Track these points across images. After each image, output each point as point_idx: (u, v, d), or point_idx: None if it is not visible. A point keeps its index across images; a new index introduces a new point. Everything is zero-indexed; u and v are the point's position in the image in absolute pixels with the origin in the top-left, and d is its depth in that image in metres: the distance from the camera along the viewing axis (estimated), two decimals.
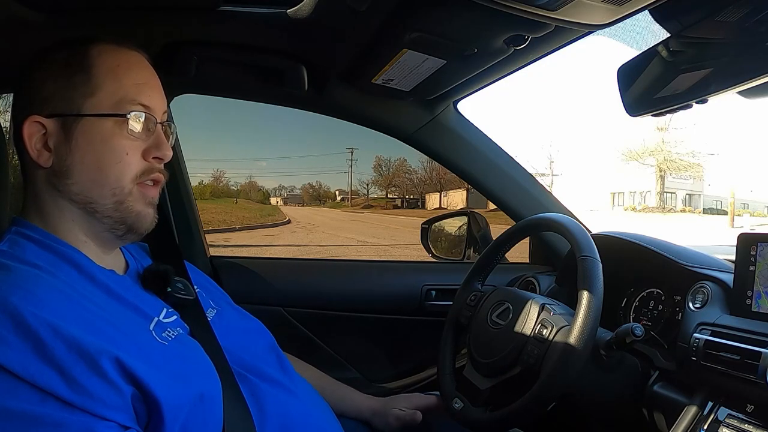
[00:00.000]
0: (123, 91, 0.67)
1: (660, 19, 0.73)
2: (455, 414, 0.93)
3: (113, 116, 0.66)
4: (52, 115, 0.65)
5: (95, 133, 0.65)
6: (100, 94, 0.66)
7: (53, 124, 0.65)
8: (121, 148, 0.66)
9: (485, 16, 0.81)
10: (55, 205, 0.67)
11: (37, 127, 0.65)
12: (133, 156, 0.67)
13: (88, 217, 0.67)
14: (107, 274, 0.68)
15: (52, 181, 0.66)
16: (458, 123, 1.36)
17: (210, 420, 0.63)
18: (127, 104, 0.67)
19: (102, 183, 0.66)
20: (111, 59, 0.68)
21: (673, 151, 28.39)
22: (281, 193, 32.13)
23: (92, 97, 0.66)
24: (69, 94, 0.65)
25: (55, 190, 0.67)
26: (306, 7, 0.91)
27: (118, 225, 0.68)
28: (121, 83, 0.67)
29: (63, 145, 0.65)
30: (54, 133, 0.65)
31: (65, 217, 0.67)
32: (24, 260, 0.61)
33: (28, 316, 0.53)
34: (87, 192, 0.66)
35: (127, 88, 0.67)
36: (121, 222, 0.68)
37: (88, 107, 0.65)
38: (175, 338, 0.65)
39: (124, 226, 0.68)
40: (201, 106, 26.79)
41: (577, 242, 0.88)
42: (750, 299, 0.83)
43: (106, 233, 0.68)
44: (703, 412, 0.80)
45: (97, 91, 0.66)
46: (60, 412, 0.52)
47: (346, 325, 1.42)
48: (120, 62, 0.68)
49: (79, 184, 0.66)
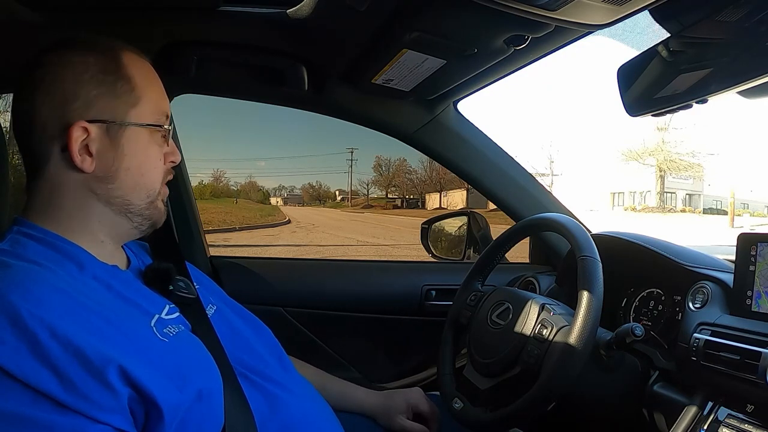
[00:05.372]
0: (156, 102, 0.72)
1: (660, 19, 0.73)
2: (455, 414, 0.93)
3: (155, 127, 0.71)
4: (97, 120, 0.66)
5: (138, 141, 0.69)
6: (142, 105, 0.69)
7: (97, 129, 0.66)
8: (157, 155, 0.72)
9: (485, 16, 0.81)
10: (84, 206, 0.68)
11: (81, 131, 0.65)
12: (161, 161, 0.73)
13: (119, 217, 0.70)
14: (109, 269, 0.68)
15: (91, 185, 0.67)
16: (458, 123, 1.36)
17: (210, 417, 0.63)
18: (160, 115, 0.72)
19: (141, 187, 0.70)
20: (143, 69, 0.71)
21: (673, 151, 28.39)
22: (281, 193, 32.22)
23: (135, 107, 0.69)
24: (113, 101, 0.67)
25: (90, 194, 0.67)
26: (306, 7, 0.91)
27: (146, 222, 0.73)
28: (154, 94, 0.72)
29: (108, 151, 0.67)
30: (97, 139, 0.66)
31: (91, 219, 0.68)
32: (25, 258, 0.61)
33: (25, 314, 0.53)
34: (127, 195, 0.69)
35: (157, 99, 0.72)
36: (148, 219, 0.73)
37: (132, 116, 0.68)
38: (176, 335, 0.65)
39: (150, 222, 0.73)
40: (201, 106, 26.79)
41: (577, 242, 0.88)
42: (750, 299, 0.83)
43: (132, 230, 0.72)
44: (703, 412, 0.80)
45: (139, 101, 0.69)
46: (52, 414, 0.51)
47: (346, 325, 1.42)
48: (150, 74, 0.72)
49: (121, 188, 0.69)
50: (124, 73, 0.68)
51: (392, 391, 1.04)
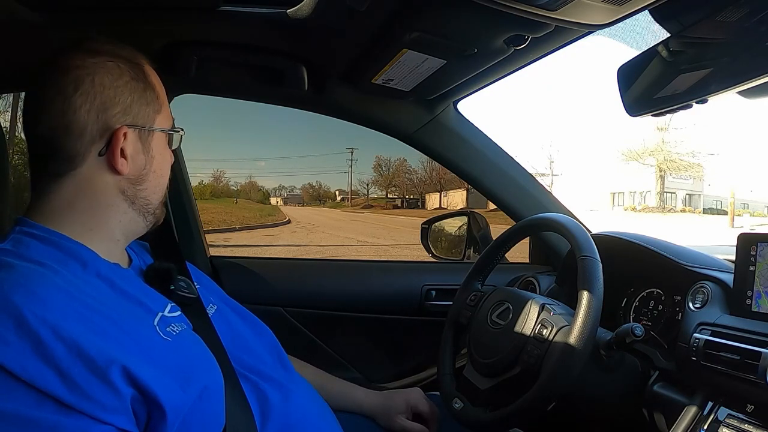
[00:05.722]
0: (169, 110, 0.77)
1: (660, 19, 0.73)
2: (455, 414, 0.93)
3: (175, 131, 0.76)
4: (134, 125, 0.70)
5: (161, 145, 0.74)
6: (164, 112, 0.75)
7: (132, 134, 0.69)
8: (170, 159, 0.77)
9: (485, 16, 0.81)
10: (109, 207, 0.69)
11: (122, 136, 0.68)
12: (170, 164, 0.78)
13: (138, 217, 0.73)
14: (112, 267, 0.68)
15: (122, 186, 0.70)
16: (458, 123, 1.36)
17: (211, 415, 0.63)
18: (172, 121, 0.77)
19: (161, 188, 0.75)
20: (158, 79, 0.75)
21: (673, 151, 28.38)
22: (281, 193, 32.22)
23: (159, 114, 0.74)
24: (144, 108, 0.71)
25: (120, 195, 0.70)
26: (306, 7, 0.91)
27: (155, 220, 0.76)
28: (167, 102, 0.77)
29: (141, 154, 0.71)
30: (132, 143, 0.69)
31: (111, 218, 0.70)
32: (28, 258, 0.61)
33: (28, 315, 0.53)
34: (150, 196, 0.73)
35: (168, 106, 0.77)
36: (158, 218, 0.77)
37: (158, 122, 0.73)
38: (178, 334, 0.65)
39: (156, 220, 0.77)
40: (201, 106, 26.79)
41: (577, 242, 0.87)
42: (750, 299, 0.83)
43: (143, 229, 0.75)
44: (703, 412, 0.80)
45: (161, 108, 0.74)
46: (56, 415, 0.52)
47: (346, 325, 1.42)
48: (161, 83, 0.76)
49: (148, 189, 0.73)
50: (150, 82, 0.73)
51: (392, 392, 1.04)
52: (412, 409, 1.00)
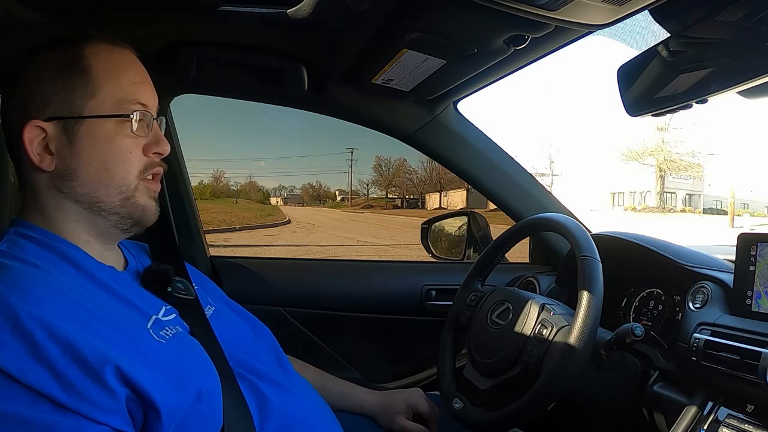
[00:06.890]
0: (123, 91, 0.68)
1: (660, 19, 0.73)
2: (455, 414, 0.93)
3: (116, 117, 0.67)
4: (52, 118, 0.65)
5: (98, 134, 0.66)
6: (101, 96, 0.67)
7: (54, 127, 0.66)
8: (125, 147, 0.68)
9: (485, 16, 0.81)
10: (58, 206, 0.67)
11: (37, 131, 0.65)
12: (136, 153, 0.69)
13: (93, 216, 0.68)
14: (107, 270, 0.68)
15: (56, 183, 0.67)
16: (458, 123, 1.36)
17: (209, 418, 0.63)
18: (127, 104, 0.68)
19: (108, 182, 0.67)
20: (107, 59, 0.68)
21: (673, 151, 28.37)
22: (281, 193, 32.19)
23: (93, 99, 0.66)
24: (69, 96, 0.66)
25: (59, 193, 0.67)
26: (306, 7, 0.91)
27: (125, 220, 0.70)
28: (119, 83, 0.68)
29: (66, 147, 0.66)
30: (55, 137, 0.66)
31: (69, 217, 0.68)
32: (23, 259, 0.61)
33: (24, 316, 0.53)
34: (94, 192, 0.67)
35: (126, 87, 0.68)
36: (128, 217, 0.69)
37: (89, 109, 0.66)
38: (173, 336, 0.65)
39: (131, 221, 0.70)
40: (201, 106, 26.80)
41: (577, 242, 0.88)
42: (750, 299, 0.83)
43: (112, 229, 0.70)
44: (703, 412, 0.80)
45: (97, 92, 0.67)
46: (52, 415, 0.52)
47: (346, 325, 1.42)
48: (116, 62, 0.69)
49: (85, 185, 0.67)
50: (81, 66, 0.66)
51: (392, 392, 1.04)
52: (412, 409, 0.99)
